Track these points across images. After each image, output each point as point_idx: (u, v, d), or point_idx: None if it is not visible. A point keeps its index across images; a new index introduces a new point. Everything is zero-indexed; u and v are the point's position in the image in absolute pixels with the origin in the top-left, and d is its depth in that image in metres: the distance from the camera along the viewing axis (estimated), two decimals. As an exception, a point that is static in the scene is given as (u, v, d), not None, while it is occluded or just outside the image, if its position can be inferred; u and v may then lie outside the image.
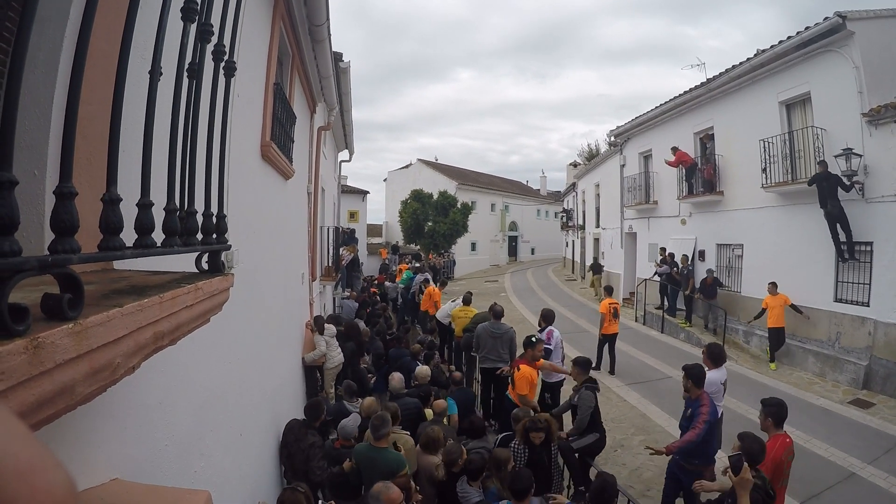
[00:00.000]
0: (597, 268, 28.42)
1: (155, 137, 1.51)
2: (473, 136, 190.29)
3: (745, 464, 4.30)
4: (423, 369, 9.21)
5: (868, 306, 11.86)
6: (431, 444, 6.33)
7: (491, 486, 5.73)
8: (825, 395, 11.46)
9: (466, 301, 13.46)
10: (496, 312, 10.43)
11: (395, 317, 20.56)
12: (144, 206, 1.46)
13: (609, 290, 14.69)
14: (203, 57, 1.80)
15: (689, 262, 18.53)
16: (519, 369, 8.25)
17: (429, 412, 8.08)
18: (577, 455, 7.16)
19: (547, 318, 10.41)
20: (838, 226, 12.26)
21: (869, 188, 11.88)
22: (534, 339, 8.54)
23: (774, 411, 5.65)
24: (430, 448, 6.33)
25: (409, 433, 6.81)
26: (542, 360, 8.56)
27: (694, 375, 6.54)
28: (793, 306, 13.04)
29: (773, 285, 13.64)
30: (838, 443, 8.76)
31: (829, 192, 12.15)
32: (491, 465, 5.79)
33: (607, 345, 13.84)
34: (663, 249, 20.25)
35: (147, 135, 1.48)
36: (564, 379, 9.56)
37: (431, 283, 18.50)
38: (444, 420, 7.76)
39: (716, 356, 7.42)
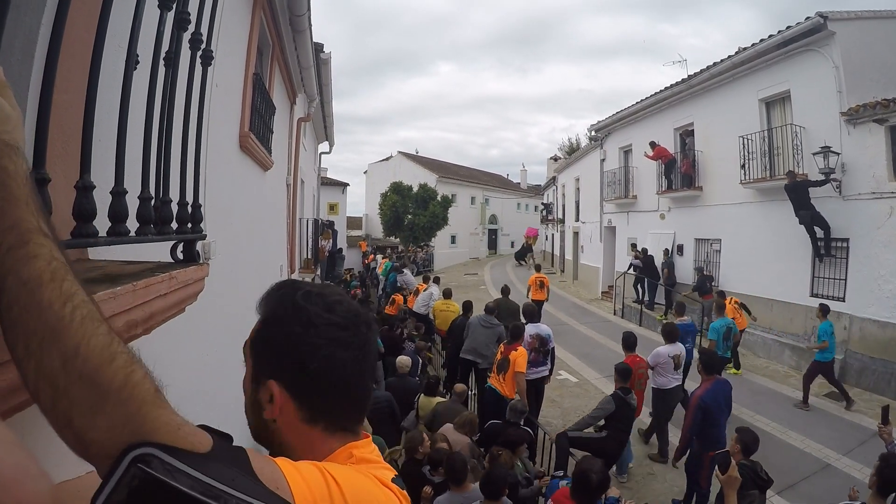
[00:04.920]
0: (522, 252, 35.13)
1: (130, 126, 1.50)
2: (454, 130, 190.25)
3: (733, 462, 4.36)
4: (403, 359, 9.21)
5: (844, 301, 12.11)
6: (468, 424, 6.72)
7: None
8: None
9: (447, 295, 13.62)
10: (489, 308, 10.63)
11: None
12: (118, 193, 1.45)
13: (538, 267, 19.70)
14: (180, 45, 1.79)
15: (669, 255, 18.78)
16: (517, 350, 8.36)
17: (431, 400, 8.18)
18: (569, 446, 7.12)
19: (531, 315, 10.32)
20: (815, 226, 12.49)
21: (846, 186, 12.13)
22: (521, 329, 8.89)
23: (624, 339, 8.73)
24: (464, 428, 6.68)
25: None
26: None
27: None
28: (741, 305, 13.04)
29: (721, 294, 13.73)
30: (814, 434, 8.91)
31: (799, 202, 12.44)
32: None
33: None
34: (633, 246, 20.70)
35: (122, 123, 1.48)
36: (548, 374, 9.66)
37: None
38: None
39: (667, 334, 8.78)
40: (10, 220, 0.75)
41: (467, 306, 12.18)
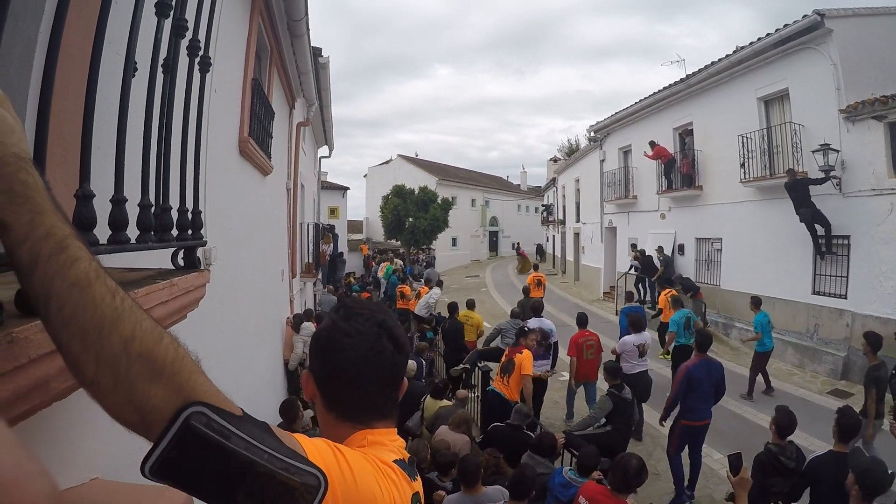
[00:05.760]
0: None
1: (129, 133, 1.51)
2: (453, 132, 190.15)
3: (744, 464, 4.37)
4: (409, 363, 9.21)
5: (846, 298, 12.08)
6: (463, 423, 6.77)
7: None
8: (804, 386, 11.66)
9: (470, 306, 12.91)
10: (515, 312, 11.44)
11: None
12: (118, 201, 1.46)
13: (536, 267, 21.59)
14: (178, 52, 1.79)
15: (665, 254, 18.86)
16: (522, 353, 8.45)
17: (437, 403, 8.18)
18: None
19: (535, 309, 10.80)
20: (815, 224, 12.50)
21: (846, 183, 12.11)
22: (526, 329, 9.09)
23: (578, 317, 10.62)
24: (460, 427, 6.71)
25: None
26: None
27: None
28: (676, 300, 13.35)
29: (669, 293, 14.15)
30: (817, 432, 8.88)
31: (799, 200, 12.44)
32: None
33: None
34: (634, 246, 20.88)
35: (120, 130, 1.48)
36: (550, 369, 10.15)
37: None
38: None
39: (634, 324, 9.56)
40: (44, 229, 0.80)
41: (452, 308, 12.34)
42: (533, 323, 10.06)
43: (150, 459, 0.83)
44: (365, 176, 54.11)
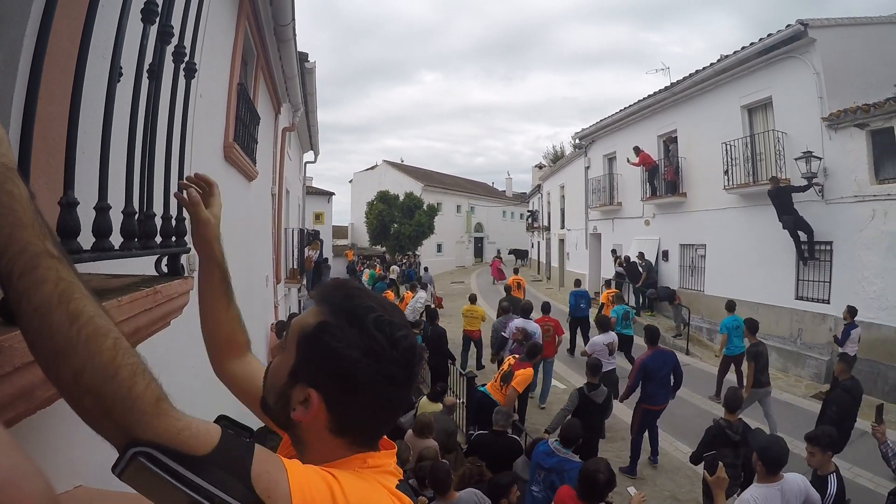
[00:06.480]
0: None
1: (114, 139, 1.50)
2: (439, 138, 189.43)
3: (720, 463, 4.54)
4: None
5: (828, 303, 12.25)
6: (425, 428, 6.62)
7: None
8: (788, 390, 11.78)
9: (472, 300, 15.29)
10: (504, 307, 12.95)
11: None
12: (102, 209, 1.45)
13: (516, 270, 22.49)
14: (163, 58, 1.79)
15: (646, 260, 19.02)
16: (525, 369, 8.56)
17: (431, 405, 8.18)
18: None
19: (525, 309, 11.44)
20: (798, 230, 12.68)
21: (828, 190, 12.32)
22: (535, 348, 9.26)
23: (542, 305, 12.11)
24: (422, 433, 6.58)
25: None
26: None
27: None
28: (617, 297, 15.34)
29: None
30: (801, 435, 8.90)
31: (782, 207, 12.65)
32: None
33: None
34: (614, 252, 21.51)
35: (105, 136, 1.47)
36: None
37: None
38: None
39: (601, 324, 10.52)
40: (20, 245, 0.82)
41: (433, 314, 13.09)
42: (519, 323, 10.72)
43: (115, 469, 0.85)
44: (350, 181, 54.05)
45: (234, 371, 1.66)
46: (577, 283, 17.30)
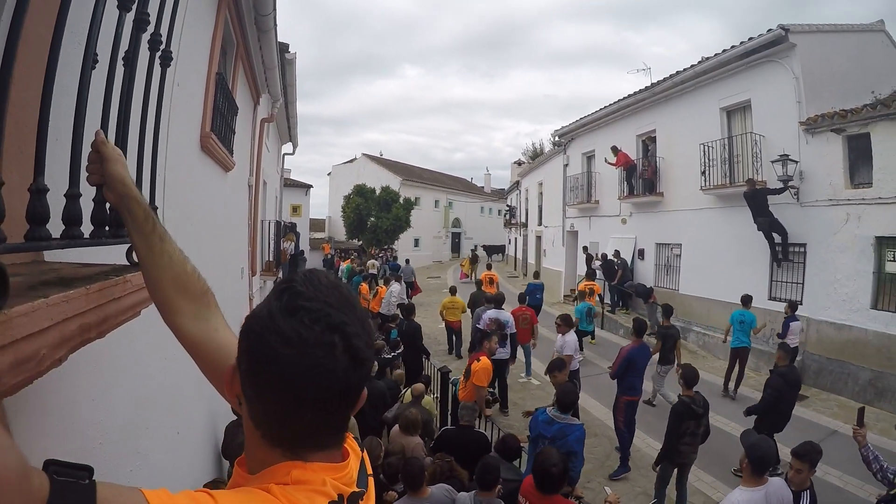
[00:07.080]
0: (473, 258, 35.12)
1: (87, 127, 1.48)
2: (419, 133, 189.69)
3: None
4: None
5: (801, 304, 12.37)
6: (411, 425, 6.73)
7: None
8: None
9: (453, 292, 15.95)
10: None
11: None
12: (73, 196, 1.43)
13: (489, 266, 21.64)
14: (139, 46, 1.76)
15: (621, 258, 19.29)
16: (479, 361, 8.50)
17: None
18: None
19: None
20: (773, 232, 12.92)
21: (804, 193, 12.55)
22: (489, 332, 9.56)
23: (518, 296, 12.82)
24: (409, 430, 6.71)
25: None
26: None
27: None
28: (591, 291, 16.44)
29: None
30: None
31: (758, 209, 12.88)
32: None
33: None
34: (585, 248, 22.14)
35: (77, 123, 1.46)
36: (510, 357, 11.21)
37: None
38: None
39: (566, 322, 10.31)
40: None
41: (409, 309, 12.80)
42: (491, 314, 11.04)
43: None
44: (329, 174, 53.85)
45: (191, 331, 1.47)
46: (536, 275, 20.62)
